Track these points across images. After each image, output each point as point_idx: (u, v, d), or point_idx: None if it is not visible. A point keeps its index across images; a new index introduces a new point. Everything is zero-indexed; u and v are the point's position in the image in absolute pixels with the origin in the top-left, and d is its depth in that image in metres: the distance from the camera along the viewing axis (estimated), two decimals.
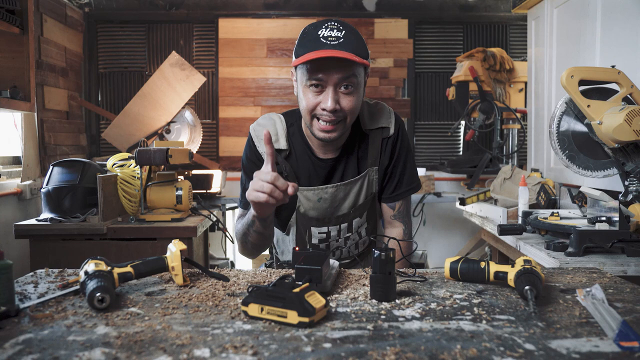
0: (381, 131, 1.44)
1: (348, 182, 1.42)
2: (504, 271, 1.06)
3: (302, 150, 1.42)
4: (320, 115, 1.28)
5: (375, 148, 1.44)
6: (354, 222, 1.47)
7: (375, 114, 1.44)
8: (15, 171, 3.00)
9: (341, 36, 1.23)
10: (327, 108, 1.25)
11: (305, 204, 1.43)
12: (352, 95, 1.27)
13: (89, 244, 2.38)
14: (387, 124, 1.44)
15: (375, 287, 0.99)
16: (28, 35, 2.53)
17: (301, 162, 1.42)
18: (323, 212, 1.43)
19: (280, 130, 1.42)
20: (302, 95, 1.30)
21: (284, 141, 1.42)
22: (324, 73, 1.24)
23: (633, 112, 1.57)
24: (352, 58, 1.20)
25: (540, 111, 2.94)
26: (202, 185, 3.30)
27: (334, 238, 1.47)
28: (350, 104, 1.27)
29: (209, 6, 4.04)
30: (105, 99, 4.09)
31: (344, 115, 1.28)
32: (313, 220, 1.44)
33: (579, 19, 2.47)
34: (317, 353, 0.73)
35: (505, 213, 2.30)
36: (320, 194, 1.42)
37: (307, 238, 1.46)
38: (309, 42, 1.25)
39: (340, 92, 1.26)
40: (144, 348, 0.75)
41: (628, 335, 0.77)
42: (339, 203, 1.43)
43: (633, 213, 1.60)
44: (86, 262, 1.05)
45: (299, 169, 1.43)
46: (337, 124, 1.29)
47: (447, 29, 4.20)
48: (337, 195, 1.42)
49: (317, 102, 1.27)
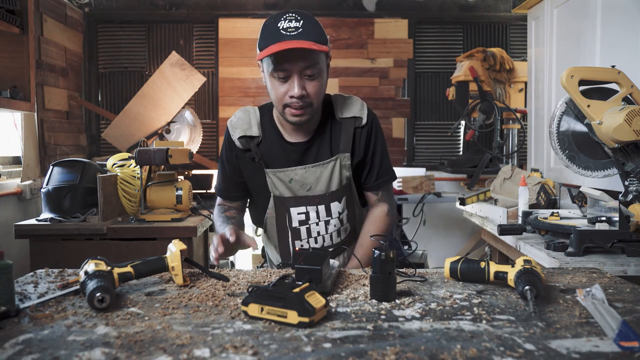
0: (354, 120, 1.51)
1: (317, 165, 1.49)
2: (504, 271, 1.06)
3: (273, 136, 1.51)
4: (290, 103, 1.37)
5: (348, 135, 1.51)
6: (332, 206, 1.52)
7: (348, 104, 1.53)
8: (15, 171, 2.99)
9: (300, 26, 1.32)
10: (295, 95, 1.34)
11: (278, 186, 1.51)
12: (316, 80, 1.37)
13: (89, 244, 2.38)
14: (360, 114, 1.52)
15: (375, 287, 0.99)
16: (28, 35, 2.53)
17: (272, 147, 1.52)
18: (296, 191, 1.51)
19: (254, 119, 1.53)
20: (271, 86, 1.40)
21: (256, 129, 1.51)
22: (288, 63, 1.33)
23: (633, 112, 1.56)
24: (311, 47, 1.29)
25: (540, 111, 2.94)
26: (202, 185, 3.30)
27: (314, 220, 1.52)
28: (315, 89, 1.37)
29: (209, 6, 4.04)
30: (105, 99, 4.08)
31: (310, 100, 1.38)
32: (290, 200, 1.52)
33: (579, 19, 2.47)
34: (317, 353, 0.73)
35: (505, 213, 2.30)
36: (290, 174, 1.49)
37: (288, 222, 1.53)
38: (269, 35, 1.33)
39: (305, 79, 1.35)
40: (144, 348, 0.75)
41: (628, 335, 0.77)
42: (311, 186, 1.50)
43: (633, 213, 1.60)
44: (86, 262, 1.05)
45: (270, 153, 1.51)
46: (305, 107, 1.38)
47: (447, 29, 4.20)
48: (308, 177, 1.49)
49: (285, 91, 1.37)
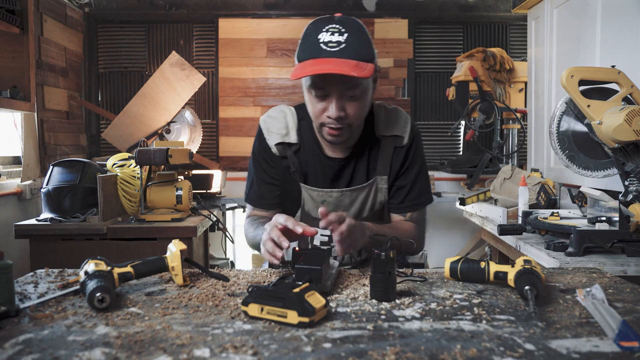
0: (394, 139, 1.39)
1: (354, 189, 1.38)
2: (504, 271, 1.06)
3: (312, 146, 1.39)
4: (327, 123, 1.26)
5: (386, 156, 1.39)
6: None
7: (391, 120, 1.40)
8: (15, 171, 3.00)
9: (343, 41, 1.19)
10: (332, 116, 1.23)
11: (309, 203, 1.40)
12: (358, 101, 1.25)
13: (89, 244, 2.38)
14: (402, 132, 1.39)
15: (375, 287, 0.99)
16: (28, 35, 2.53)
17: (310, 158, 1.39)
18: None
19: (291, 123, 1.40)
20: (308, 101, 1.29)
21: (294, 135, 1.39)
22: (327, 85, 1.21)
23: (633, 112, 1.56)
24: (349, 73, 1.14)
25: (540, 111, 2.94)
26: (202, 185, 3.30)
27: None
28: (355, 110, 1.25)
29: (209, 6, 4.04)
30: (105, 99, 4.08)
31: (349, 122, 1.26)
32: (317, 220, 1.39)
33: (579, 19, 2.47)
34: (317, 353, 0.73)
35: (505, 213, 2.30)
36: (324, 196, 1.38)
37: (310, 239, 1.42)
38: (309, 47, 1.22)
39: (345, 99, 1.23)
40: (144, 348, 0.75)
41: (628, 335, 0.77)
42: (343, 209, 1.39)
43: (633, 213, 1.60)
44: (86, 262, 1.05)
45: (307, 165, 1.39)
46: (343, 128, 1.27)
47: (447, 29, 4.20)
48: (342, 200, 1.39)
49: (322, 109, 1.25)
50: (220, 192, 3.47)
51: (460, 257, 1.14)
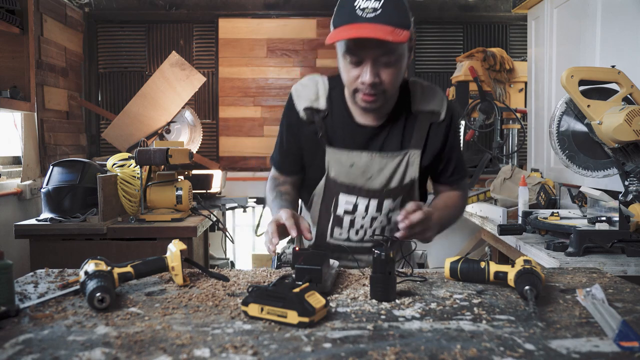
0: (430, 115, 1.38)
1: (385, 155, 1.36)
2: (504, 271, 1.06)
3: (341, 113, 1.38)
4: (361, 89, 1.25)
5: (422, 130, 1.37)
6: (385, 203, 1.39)
7: (427, 96, 1.39)
8: (15, 171, 2.99)
9: (379, 7, 1.16)
10: (366, 82, 1.22)
11: (335, 168, 1.38)
12: (393, 68, 1.22)
13: (89, 244, 2.38)
14: (438, 108, 1.38)
15: (375, 287, 0.99)
16: (28, 35, 2.53)
17: (338, 124, 1.38)
18: (353, 179, 1.37)
19: (322, 90, 1.40)
20: (342, 67, 1.28)
21: (323, 101, 1.38)
22: (361, 50, 1.19)
23: (633, 112, 1.56)
24: (385, 38, 1.13)
25: (540, 111, 2.94)
26: (202, 185, 3.30)
27: (361, 214, 1.40)
28: (390, 77, 1.23)
29: (209, 6, 4.04)
30: (105, 99, 4.08)
31: (383, 88, 1.24)
32: (343, 187, 1.39)
33: (579, 19, 2.47)
34: (317, 353, 0.73)
35: (505, 213, 2.30)
36: (353, 158, 1.36)
37: (333, 208, 1.41)
38: (344, 12, 1.20)
39: (379, 65, 1.21)
40: (144, 348, 0.75)
41: (628, 335, 0.77)
42: (371, 175, 1.37)
43: (633, 213, 1.60)
44: (86, 262, 1.05)
45: (335, 131, 1.39)
46: (377, 95, 1.25)
47: (447, 29, 4.20)
48: (371, 166, 1.36)
49: (356, 75, 1.23)
50: (220, 192, 3.47)
51: (460, 257, 1.14)
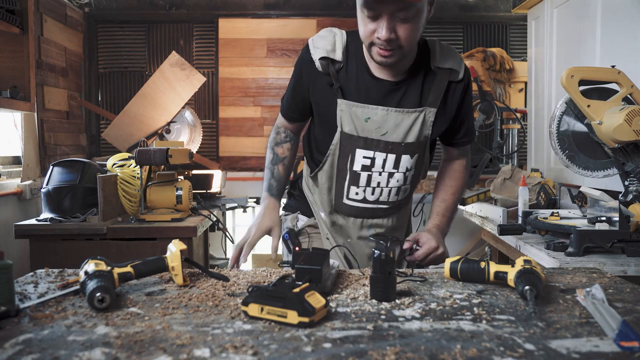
0: (449, 73, 1.37)
1: (401, 111, 1.34)
2: (504, 271, 1.05)
3: (358, 66, 1.37)
4: (376, 43, 1.23)
5: (440, 88, 1.37)
6: (403, 159, 1.39)
7: (447, 54, 1.39)
8: (15, 171, 2.99)
9: None
10: (382, 37, 1.20)
11: (350, 123, 1.36)
12: (410, 23, 1.20)
13: (89, 244, 2.38)
14: (457, 67, 1.38)
15: (375, 287, 0.99)
16: (28, 35, 2.53)
17: (354, 77, 1.36)
18: (369, 133, 1.36)
19: (339, 42, 1.37)
20: (360, 20, 1.26)
21: (340, 53, 1.36)
22: (379, 4, 1.17)
23: (633, 112, 1.56)
24: None
25: (540, 111, 2.94)
26: (202, 185, 3.30)
27: (378, 168, 1.39)
28: (407, 33, 1.21)
29: (209, 6, 4.04)
30: (105, 99, 4.08)
31: (400, 44, 1.22)
32: (360, 141, 1.37)
33: (579, 19, 2.47)
34: (317, 353, 0.73)
35: (505, 213, 2.30)
36: (368, 112, 1.35)
37: (350, 164, 1.40)
38: None
39: (396, 20, 1.19)
40: (144, 348, 0.75)
41: (628, 335, 0.77)
42: (387, 131, 1.36)
43: (633, 213, 1.60)
44: (86, 262, 1.05)
45: (350, 84, 1.36)
46: (394, 50, 1.23)
47: (447, 29, 4.20)
48: (387, 121, 1.35)
49: (372, 29, 1.22)
50: (220, 192, 3.47)
51: (460, 257, 1.14)
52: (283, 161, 1.55)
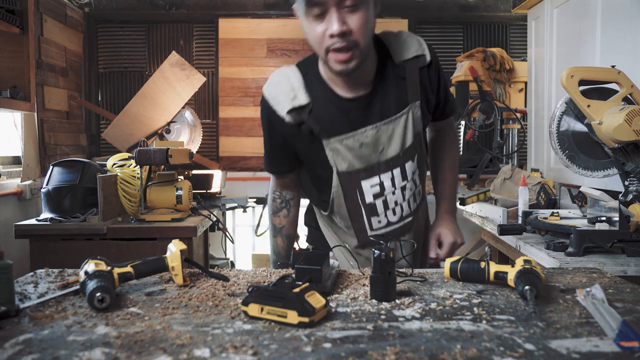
0: (417, 60, 1.28)
1: (389, 121, 1.27)
2: (504, 271, 1.06)
3: (326, 96, 1.28)
4: (332, 45, 1.14)
5: (414, 80, 1.28)
6: (407, 167, 1.32)
7: (404, 43, 1.29)
8: (15, 171, 2.99)
9: None
10: (335, 32, 1.11)
11: (347, 156, 1.28)
12: (360, 10, 1.12)
13: (89, 244, 2.38)
14: (421, 51, 1.29)
15: (375, 287, 0.99)
16: (28, 35, 2.53)
17: (327, 110, 1.27)
18: (368, 158, 1.29)
19: (297, 83, 1.29)
20: (308, 30, 1.17)
21: (302, 95, 1.27)
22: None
23: (633, 112, 1.56)
24: None
25: (540, 111, 2.94)
26: (202, 185, 3.30)
27: (389, 190, 1.32)
28: (359, 22, 1.12)
29: (209, 6, 4.04)
30: (105, 99, 4.08)
31: (354, 38, 1.13)
32: (361, 173, 1.30)
33: (579, 19, 2.47)
34: (317, 353, 0.73)
35: (505, 213, 2.30)
36: (360, 138, 1.27)
37: (360, 199, 1.32)
38: None
39: (344, 11, 1.11)
40: (144, 348, 0.75)
41: (628, 335, 0.77)
42: (384, 146, 1.29)
43: (633, 213, 1.60)
44: (86, 262, 1.05)
45: (326, 119, 1.27)
46: (351, 49, 1.14)
47: (447, 29, 4.20)
48: (380, 137, 1.28)
49: (323, 30, 1.13)
50: (220, 192, 3.47)
51: (460, 257, 1.14)
52: (281, 232, 1.48)
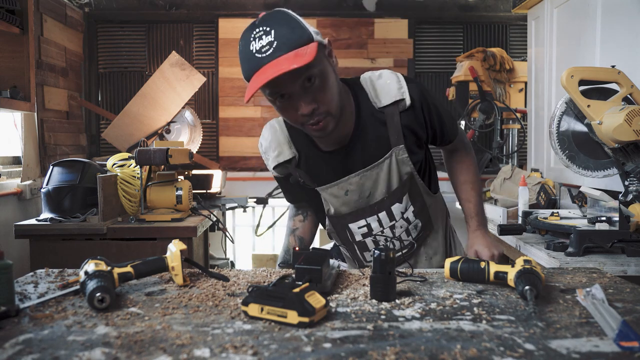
0: (396, 105, 1.29)
1: (371, 167, 1.31)
2: (504, 271, 1.05)
3: (309, 149, 1.34)
4: (305, 122, 1.19)
5: (395, 125, 1.30)
6: (393, 209, 1.36)
7: (383, 87, 1.30)
8: (15, 171, 2.99)
9: (272, 39, 1.11)
10: (305, 112, 1.15)
11: (334, 202, 1.36)
12: (321, 85, 1.15)
13: (89, 244, 2.38)
14: (400, 95, 1.29)
15: (375, 287, 0.99)
16: (28, 35, 2.53)
17: (312, 162, 1.34)
18: (355, 204, 1.36)
19: (282, 137, 1.36)
20: (277, 109, 1.22)
21: (287, 150, 1.35)
22: (281, 88, 1.13)
23: (633, 112, 1.56)
24: (290, 68, 1.06)
25: (540, 111, 2.94)
26: (202, 185, 3.30)
27: (377, 230, 1.39)
28: (325, 95, 1.16)
29: (209, 6, 4.04)
30: (105, 99, 4.08)
31: (325, 109, 1.17)
32: (347, 217, 1.38)
33: (579, 19, 2.47)
34: (317, 353, 0.73)
35: (505, 213, 2.30)
36: (345, 186, 1.33)
37: (351, 237, 1.42)
38: (246, 62, 1.15)
39: (308, 90, 1.15)
40: (144, 348, 0.75)
41: (628, 335, 0.77)
42: (369, 192, 1.34)
43: (633, 213, 1.60)
44: (86, 262, 1.05)
45: (312, 169, 1.35)
46: (324, 118, 1.18)
47: (447, 29, 4.20)
48: (364, 183, 1.33)
49: (294, 112, 1.17)
50: (220, 192, 3.47)
51: (460, 257, 1.14)
52: (294, 232, 1.55)
